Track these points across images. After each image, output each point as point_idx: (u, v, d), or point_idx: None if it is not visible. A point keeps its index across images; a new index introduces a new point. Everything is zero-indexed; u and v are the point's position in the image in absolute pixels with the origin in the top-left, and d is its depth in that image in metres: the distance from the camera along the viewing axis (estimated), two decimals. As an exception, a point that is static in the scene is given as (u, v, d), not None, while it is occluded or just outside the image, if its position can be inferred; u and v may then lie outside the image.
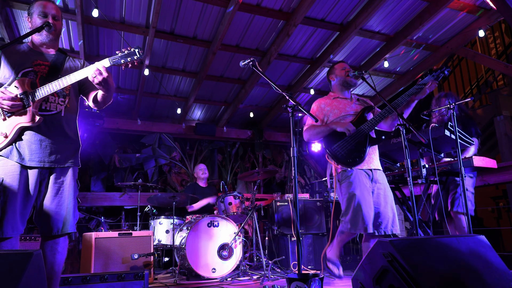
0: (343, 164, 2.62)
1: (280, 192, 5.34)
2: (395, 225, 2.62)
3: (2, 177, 1.93)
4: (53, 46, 2.18)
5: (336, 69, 2.92)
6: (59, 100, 2.11)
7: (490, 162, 3.10)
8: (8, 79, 2.02)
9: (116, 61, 2.06)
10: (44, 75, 2.07)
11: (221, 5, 4.29)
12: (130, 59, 2.06)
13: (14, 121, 1.99)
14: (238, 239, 3.96)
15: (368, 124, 2.63)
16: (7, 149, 1.98)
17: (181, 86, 5.93)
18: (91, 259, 3.33)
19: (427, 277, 1.49)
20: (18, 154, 1.98)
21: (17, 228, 1.94)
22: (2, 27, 4.20)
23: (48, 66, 2.11)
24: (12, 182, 1.94)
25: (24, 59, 2.07)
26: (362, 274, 1.75)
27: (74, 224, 2.15)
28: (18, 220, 1.94)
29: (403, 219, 5.31)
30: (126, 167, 6.36)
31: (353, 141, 2.62)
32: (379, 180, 2.67)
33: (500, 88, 5.83)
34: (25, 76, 2.02)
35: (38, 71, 2.06)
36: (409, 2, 4.49)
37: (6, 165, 1.96)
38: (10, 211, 1.90)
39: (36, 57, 2.11)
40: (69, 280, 2.16)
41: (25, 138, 2.01)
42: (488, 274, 1.64)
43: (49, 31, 2.10)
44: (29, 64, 2.06)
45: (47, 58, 2.14)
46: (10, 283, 1.33)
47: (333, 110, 2.79)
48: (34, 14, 2.10)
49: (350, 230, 2.52)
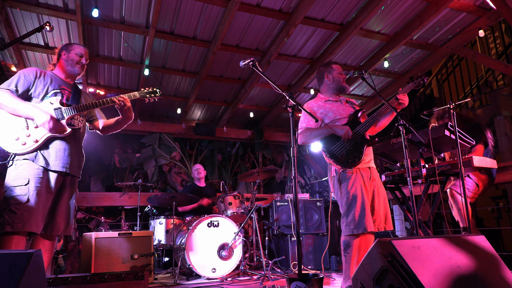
0: (343, 165, 2.62)
1: (280, 192, 5.33)
2: (388, 222, 2.63)
3: (28, 178, 2.18)
4: (74, 79, 2.61)
5: (334, 70, 2.86)
6: (80, 119, 2.53)
7: (490, 162, 3.10)
8: (39, 94, 2.37)
9: (142, 96, 2.65)
10: (69, 98, 2.49)
11: (221, 5, 4.29)
12: (153, 96, 2.69)
13: (45, 130, 2.30)
14: (238, 239, 3.96)
15: (363, 126, 2.65)
16: (32, 154, 2.25)
17: (181, 86, 5.93)
18: (91, 259, 3.33)
19: (427, 277, 1.49)
20: (44, 159, 2.26)
21: (39, 226, 2.19)
22: (2, 27, 4.20)
23: (71, 92, 2.53)
24: (36, 183, 2.19)
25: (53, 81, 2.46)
26: (362, 274, 1.75)
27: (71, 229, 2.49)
28: (40, 218, 2.19)
29: (403, 219, 5.31)
30: (126, 167, 6.36)
31: (351, 142, 2.63)
32: (375, 178, 2.68)
33: (500, 88, 5.83)
34: (56, 95, 2.41)
35: (64, 94, 2.47)
36: (409, 2, 4.48)
37: (32, 167, 2.23)
38: (35, 209, 2.15)
39: (61, 82, 2.51)
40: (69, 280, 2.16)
41: (52, 146, 2.33)
42: (488, 274, 1.64)
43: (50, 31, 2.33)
44: (57, 87, 2.46)
45: (69, 86, 2.55)
46: (10, 283, 1.33)
47: (327, 113, 2.78)
48: (72, 51, 2.53)
49: (353, 231, 2.51)
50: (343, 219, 2.60)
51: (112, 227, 5.52)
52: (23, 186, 2.15)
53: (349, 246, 2.55)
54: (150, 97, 2.67)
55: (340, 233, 2.79)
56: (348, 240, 2.55)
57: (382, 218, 2.60)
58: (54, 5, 4.16)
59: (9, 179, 2.20)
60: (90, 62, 5.21)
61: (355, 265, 2.55)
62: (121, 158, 6.32)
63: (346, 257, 2.56)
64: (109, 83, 5.71)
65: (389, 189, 3.57)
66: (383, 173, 3.39)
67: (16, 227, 2.07)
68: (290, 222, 4.60)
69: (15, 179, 2.18)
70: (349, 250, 2.55)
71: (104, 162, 6.16)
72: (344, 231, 2.58)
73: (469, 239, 1.79)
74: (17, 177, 2.18)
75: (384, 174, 3.40)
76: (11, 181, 2.18)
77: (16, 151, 2.23)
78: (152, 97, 2.68)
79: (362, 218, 2.49)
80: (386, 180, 3.40)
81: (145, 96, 2.65)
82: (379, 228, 2.57)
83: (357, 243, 2.55)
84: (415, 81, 2.67)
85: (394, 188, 3.58)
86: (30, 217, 2.11)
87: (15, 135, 2.23)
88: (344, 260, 2.58)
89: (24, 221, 2.09)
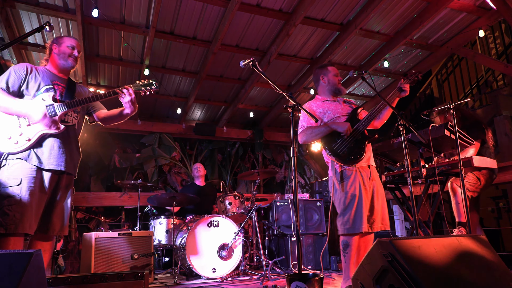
0: (345, 162, 2.63)
1: (280, 192, 5.33)
2: (385, 222, 2.63)
3: (21, 178, 2.13)
4: (68, 74, 2.53)
5: (329, 72, 2.88)
6: (74, 115, 2.43)
7: (490, 162, 3.10)
8: (31, 90, 2.30)
9: (137, 88, 2.47)
10: (63, 93, 2.40)
11: (221, 5, 4.29)
12: (149, 88, 2.49)
13: (38, 128, 2.23)
14: (238, 239, 3.96)
15: (363, 123, 2.66)
16: (25, 153, 2.19)
17: (181, 86, 5.93)
18: (91, 259, 3.33)
19: (427, 277, 1.49)
20: (37, 158, 2.20)
21: (33, 227, 2.14)
22: (2, 27, 4.20)
23: (65, 87, 2.44)
24: (29, 183, 2.15)
25: (46, 77, 2.39)
26: (362, 274, 1.75)
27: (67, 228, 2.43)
28: (33, 219, 2.14)
29: (403, 219, 5.30)
30: (126, 167, 6.36)
31: (352, 139, 2.65)
32: (375, 178, 2.68)
33: (500, 88, 5.83)
34: (48, 90, 2.33)
35: (57, 89, 2.38)
36: (409, 2, 4.48)
37: (25, 167, 2.17)
38: (28, 210, 2.10)
39: (54, 77, 2.43)
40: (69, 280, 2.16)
41: (45, 144, 2.25)
42: (488, 274, 1.64)
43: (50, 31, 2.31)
44: (50, 82, 2.38)
45: (62, 80, 2.47)
46: (10, 283, 1.33)
47: (326, 112, 2.80)
48: (63, 44, 2.45)
49: (349, 230, 2.52)
50: (339, 218, 2.60)
51: (112, 227, 5.52)
52: (15, 186, 2.11)
53: (348, 246, 2.55)
54: (145, 90, 2.48)
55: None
56: (346, 239, 2.55)
57: (380, 218, 2.61)
58: (54, 4, 4.16)
59: (2, 179, 2.16)
60: (90, 62, 5.24)
61: (354, 265, 2.55)
62: (121, 158, 6.32)
63: (345, 257, 2.57)
64: (109, 83, 5.71)
65: (389, 189, 3.57)
66: (383, 173, 3.39)
67: (9, 228, 2.03)
68: (290, 222, 4.60)
69: (7, 180, 2.14)
70: (348, 250, 2.55)
71: (104, 162, 6.15)
72: (340, 230, 2.59)
73: (469, 239, 1.79)
74: (9, 177, 2.14)
75: (384, 174, 3.40)
76: (3, 182, 2.14)
77: (9, 151, 2.17)
78: (148, 90, 2.48)
79: (358, 219, 2.50)
80: (386, 180, 3.40)
81: (140, 88, 2.47)
82: (376, 228, 2.58)
83: (356, 242, 2.55)
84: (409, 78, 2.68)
85: (394, 188, 3.58)
86: (22, 218, 2.07)
87: (7, 134, 2.18)
88: (344, 260, 2.58)
89: (17, 223, 2.05)
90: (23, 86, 2.29)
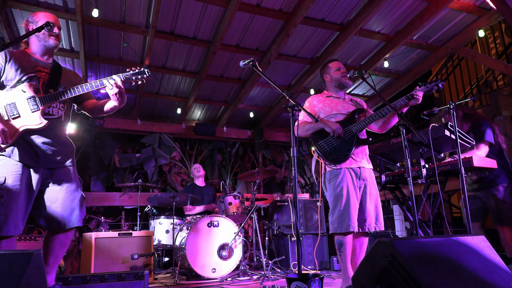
0: (327, 160, 2.65)
1: (280, 192, 5.34)
2: (379, 222, 2.64)
3: (5, 176, 1.98)
4: (51, 55, 2.31)
5: (330, 69, 2.91)
6: (60, 105, 2.24)
7: (490, 162, 3.10)
8: (11, 81, 2.10)
9: (128, 77, 2.24)
10: (46, 82, 2.17)
11: (221, 5, 4.29)
12: (140, 77, 2.26)
13: (19, 123, 2.06)
14: (238, 239, 3.96)
15: (357, 125, 2.66)
16: (9, 149, 2.04)
17: (181, 86, 5.93)
18: (91, 259, 3.33)
19: (427, 277, 1.49)
20: (20, 154, 2.04)
21: (19, 228, 2.00)
22: (2, 27, 4.19)
23: (49, 73, 2.21)
24: (14, 181, 2.00)
25: (27, 64, 2.16)
26: (362, 274, 1.75)
27: (82, 218, 2.24)
28: (20, 219, 2.01)
29: (403, 219, 5.30)
30: (126, 167, 6.36)
31: (339, 139, 2.65)
32: (367, 178, 2.68)
33: (500, 88, 5.82)
34: (29, 80, 2.11)
35: (40, 77, 2.16)
36: (409, 2, 4.49)
37: (8, 164, 2.02)
38: (13, 210, 1.97)
39: (36, 63, 2.20)
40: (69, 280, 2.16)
41: (29, 140, 2.08)
42: (488, 274, 1.64)
43: (50, 31, 2.18)
44: (31, 70, 2.15)
45: (46, 65, 2.24)
46: (10, 283, 1.33)
47: (325, 108, 2.81)
48: (40, 22, 2.19)
49: (336, 229, 2.54)
50: (330, 217, 2.63)
51: (112, 227, 5.52)
52: None
53: (342, 244, 2.56)
54: (137, 79, 2.25)
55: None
56: (340, 238, 2.57)
57: (373, 218, 2.61)
58: (54, 4, 4.16)
59: None
60: (90, 62, 5.24)
61: (350, 264, 2.57)
62: (121, 158, 6.32)
63: (341, 256, 2.58)
64: (109, 83, 5.70)
65: (389, 189, 3.57)
66: (383, 173, 3.39)
67: None
68: (290, 222, 4.60)
69: None
70: (343, 249, 2.56)
71: (104, 162, 6.15)
72: (330, 229, 2.61)
73: (469, 239, 1.79)
74: None
75: (384, 174, 3.40)
76: None
77: None
78: (140, 79, 2.26)
79: (345, 217, 2.50)
80: (386, 180, 3.40)
81: (130, 78, 2.23)
82: (369, 228, 2.59)
83: (350, 240, 2.56)
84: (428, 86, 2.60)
85: (394, 188, 3.58)
86: (7, 220, 1.93)
87: None
88: (340, 259, 2.59)
89: (1, 226, 1.92)
90: (2, 77, 2.09)
